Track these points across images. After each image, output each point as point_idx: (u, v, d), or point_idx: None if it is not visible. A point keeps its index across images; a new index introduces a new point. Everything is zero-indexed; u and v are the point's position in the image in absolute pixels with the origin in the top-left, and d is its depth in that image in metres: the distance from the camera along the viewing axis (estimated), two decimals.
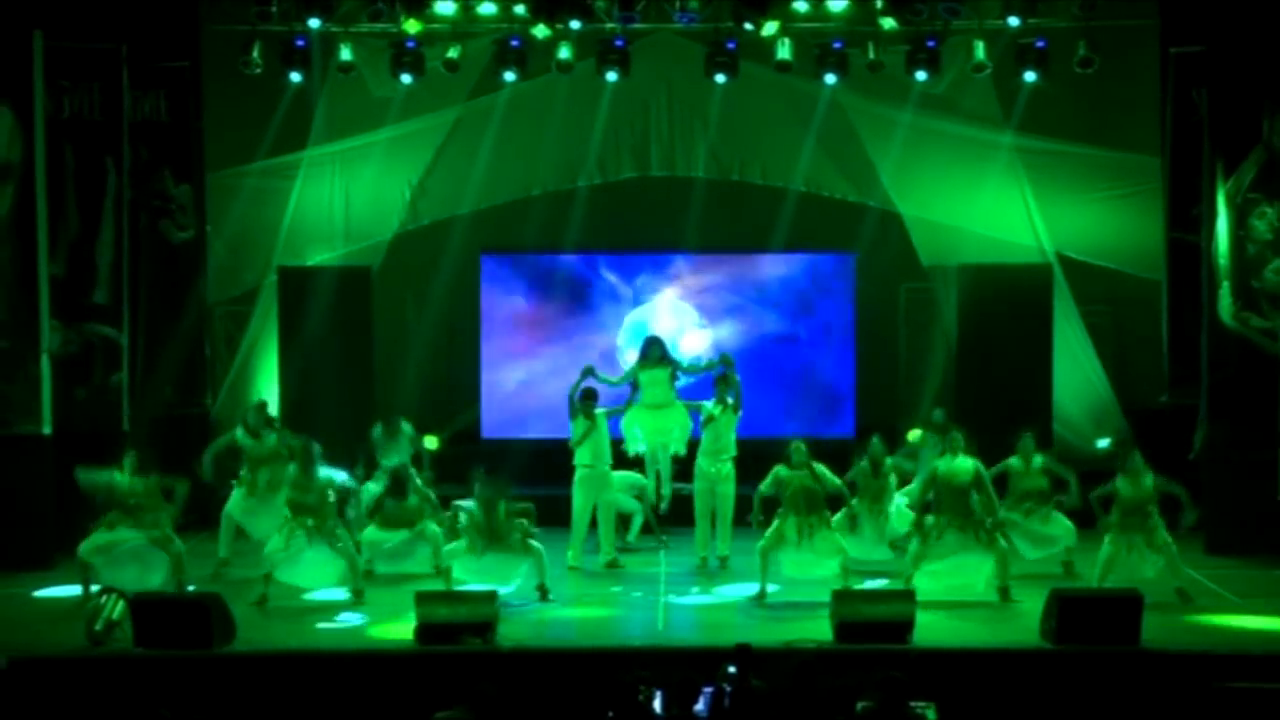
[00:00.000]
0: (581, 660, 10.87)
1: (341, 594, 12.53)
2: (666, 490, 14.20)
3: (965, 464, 12.45)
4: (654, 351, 14.12)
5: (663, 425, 14.04)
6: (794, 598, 12.39)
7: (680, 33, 15.82)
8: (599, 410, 13.79)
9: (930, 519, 12.41)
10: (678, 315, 17.00)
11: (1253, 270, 14.14)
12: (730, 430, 13.63)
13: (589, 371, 13.93)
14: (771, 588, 12.50)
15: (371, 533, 13.14)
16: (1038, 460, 13.45)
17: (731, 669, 8.99)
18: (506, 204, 16.91)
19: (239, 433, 13.89)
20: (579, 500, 13.71)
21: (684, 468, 14.18)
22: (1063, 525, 13.29)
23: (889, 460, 13.48)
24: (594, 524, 13.79)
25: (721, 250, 17.07)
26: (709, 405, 13.73)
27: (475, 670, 10.63)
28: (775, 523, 12.52)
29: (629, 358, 16.32)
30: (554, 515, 13.60)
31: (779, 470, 12.63)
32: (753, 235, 16.97)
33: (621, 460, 14.21)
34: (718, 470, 13.54)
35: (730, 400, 13.61)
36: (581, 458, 13.71)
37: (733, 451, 13.61)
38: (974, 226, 16.63)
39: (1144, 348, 16.19)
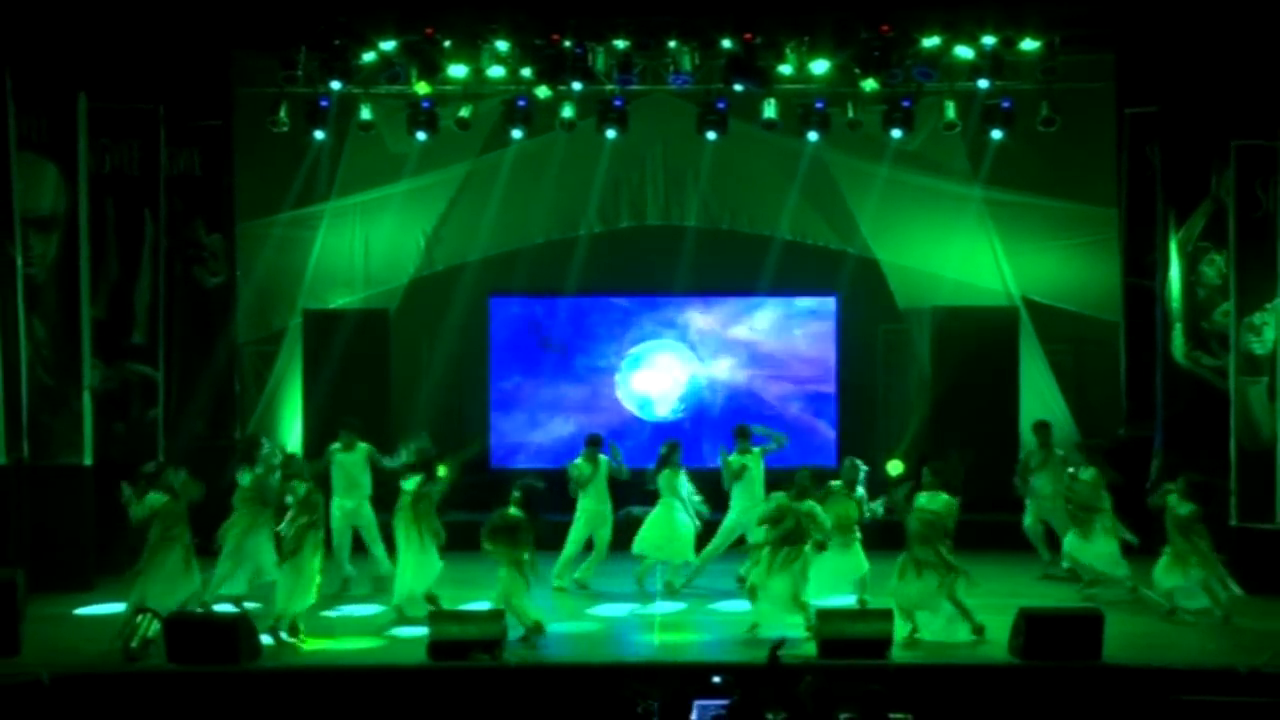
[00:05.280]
0: (584, 675, 10.86)
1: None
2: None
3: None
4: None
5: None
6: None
7: (674, 93, 15.87)
8: (603, 456, 13.72)
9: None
10: (672, 354, 17.03)
11: (1203, 313, 14.19)
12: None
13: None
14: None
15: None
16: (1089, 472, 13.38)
17: (716, 679, 8.97)
18: (514, 251, 16.95)
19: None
20: (579, 531, 13.68)
21: None
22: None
23: (860, 491, 12.97)
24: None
25: (713, 293, 17.08)
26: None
27: (485, 684, 10.65)
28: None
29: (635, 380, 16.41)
30: (562, 539, 13.65)
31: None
32: (742, 279, 17.00)
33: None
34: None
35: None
36: (585, 503, 13.64)
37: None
38: (946, 272, 16.70)
39: (1103, 384, 16.21)
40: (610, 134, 15.63)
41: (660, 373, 16.96)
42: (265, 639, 11.44)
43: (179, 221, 15.32)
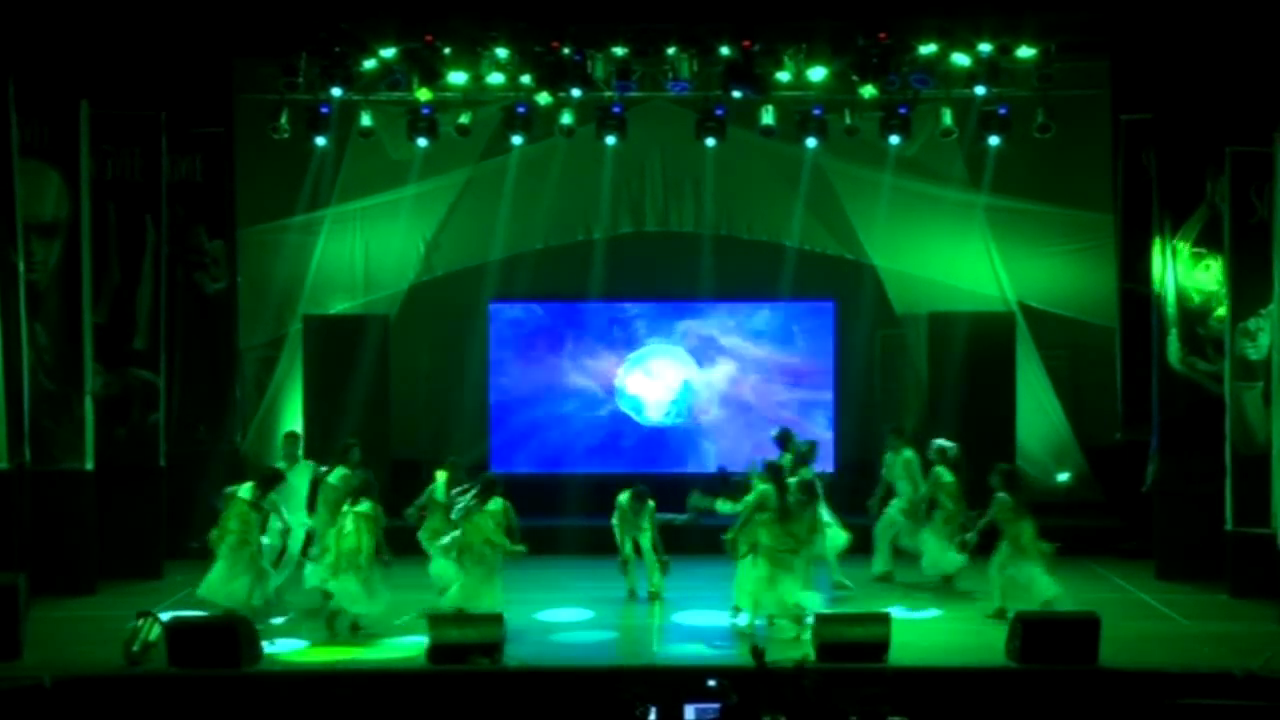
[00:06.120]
0: (582, 679, 10.83)
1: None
2: None
3: None
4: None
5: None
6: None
7: (673, 100, 15.88)
8: (650, 505, 13.35)
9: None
10: (669, 359, 17.01)
11: (1198, 319, 14.18)
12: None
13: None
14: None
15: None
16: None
17: (711, 683, 8.95)
18: (513, 257, 16.93)
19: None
20: (617, 535, 13.49)
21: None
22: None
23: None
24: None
25: (711, 298, 17.04)
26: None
27: (484, 688, 10.62)
28: None
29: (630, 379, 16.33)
30: (556, 542, 13.57)
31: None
32: (740, 284, 16.98)
33: None
34: None
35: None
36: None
37: None
38: (943, 278, 16.69)
39: (1099, 389, 16.19)
40: (610, 140, 15.63)
41: (656, 378, 16.94)
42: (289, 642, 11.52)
43: (180, 227, 15.31)
